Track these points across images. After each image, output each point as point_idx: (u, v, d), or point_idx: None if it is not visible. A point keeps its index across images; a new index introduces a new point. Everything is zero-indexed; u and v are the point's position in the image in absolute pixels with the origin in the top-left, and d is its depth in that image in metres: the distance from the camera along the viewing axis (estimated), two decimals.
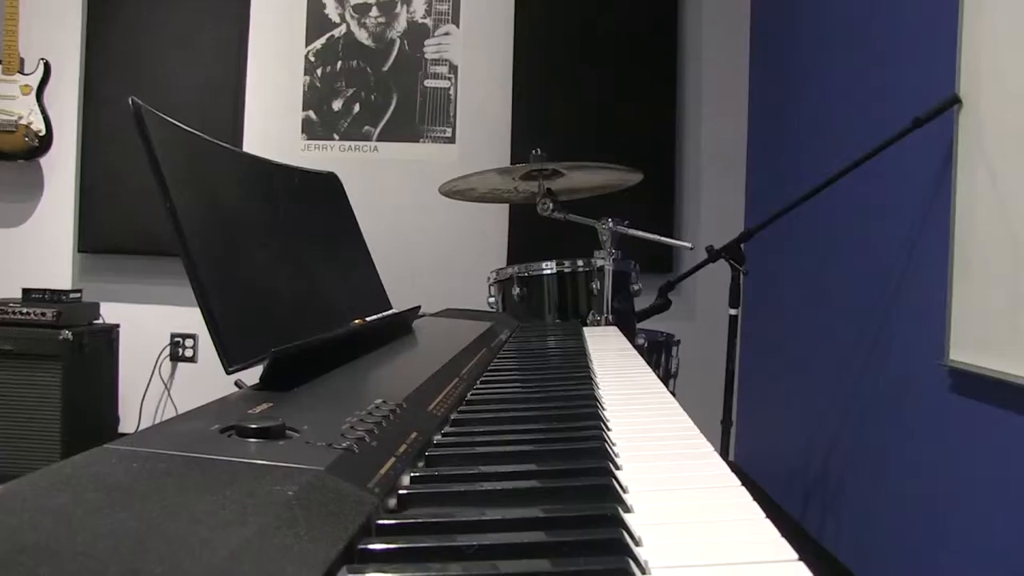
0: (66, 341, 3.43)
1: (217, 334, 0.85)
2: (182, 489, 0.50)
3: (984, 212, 1.94)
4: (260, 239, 1.07)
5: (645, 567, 0.50)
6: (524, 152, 2.69)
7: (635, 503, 0.62)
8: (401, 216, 4.02)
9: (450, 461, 0.72)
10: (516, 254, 3.90)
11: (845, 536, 2.83)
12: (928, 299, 2.23)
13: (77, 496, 0.47)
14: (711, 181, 4.07)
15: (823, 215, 3.03)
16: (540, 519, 0.55)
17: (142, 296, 4.11)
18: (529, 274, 2.52)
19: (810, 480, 3.20)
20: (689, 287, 3.91)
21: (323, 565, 0.45)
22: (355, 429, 0.67)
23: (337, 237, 1.42)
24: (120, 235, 4.02)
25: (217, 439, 0.62)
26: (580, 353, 1.43)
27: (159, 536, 0.42)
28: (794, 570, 0.51)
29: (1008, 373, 1.82)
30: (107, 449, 0.58)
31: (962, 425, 2.08)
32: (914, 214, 2.35)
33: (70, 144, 4.06)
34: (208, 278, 0.86)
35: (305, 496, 0.51)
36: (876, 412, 2.61)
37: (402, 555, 0.50)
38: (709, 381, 3.18)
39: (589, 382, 1.10)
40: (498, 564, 0.47)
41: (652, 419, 0.94)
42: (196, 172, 0.95)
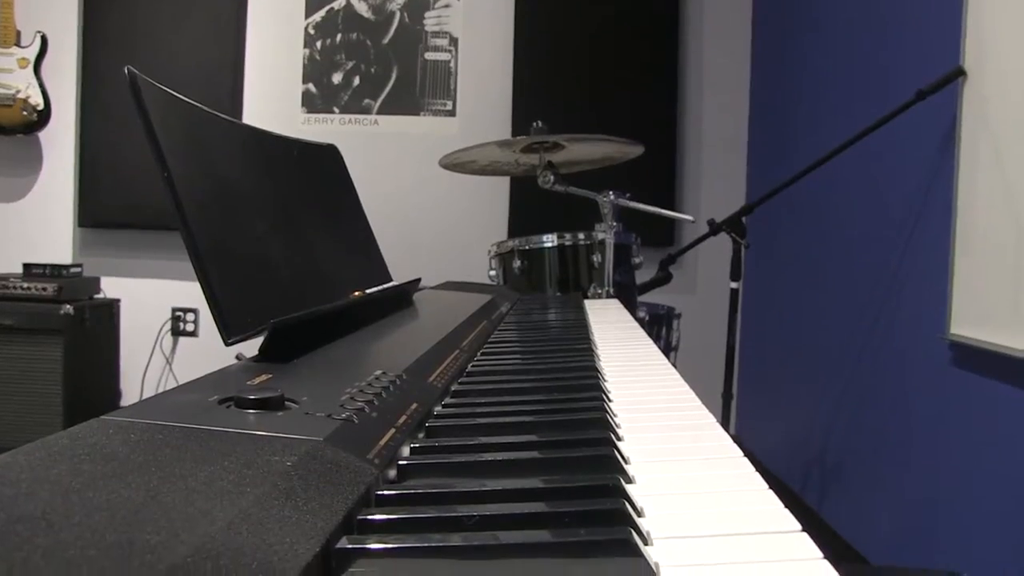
0: (67, 316, 3.43)
1: (216, 305, 0.84)
2: (179, 460, 0.49)
3: (987, 185, 1.92)
4: (259, 210, 1.06)
5: (647, 538, 0.50)
6: (525, 125, 2.68)
7: (637, 474, 0.62)
8: (402, 189, 4.00)
9: (450, 432, 0.71)
10: (517, 227, 3.89)
11: (845, 509, 2.84)
12: (929, 273, 2.22)
13: (74, 467, 0.47)
14: (713, 154, 4.05)
15: (825, 188, 3.01)
16: (541, 490, 0.55)
17: (143, 271, 4.10)
18: (530, 247, 2.51)
19: (810, 453, 3.20)
20: (690, 260, 3.91)
21: (322, 535, 0.44)
22: (354, 400, 0.66)
23: (337, 209, 1.41)
24: (120, 209, 4.00)
25: (215, 410, 0.62)
26: (581, 325, 1.42)
27: (156, 506, 0.42)
28: (797, 541, 0.50)
29: (1009, 347, 1.82)
30: (104, 420, 0.58)
31: (962, 398, 2.08)
32: (916, 187, 2.34)
33: (69, 118, 4.04)
34: (206, 249, 0.86)
35: (303, 467, 0.50)
36: (876, 385, 2.61)
37: (401, 525, 0.49)
38: (710, 354, 3.18)
39: (590, 354, 1.10)
40: (499, 534, 0.47)
41: (654, 390, 0.94)
42: (194, 142, 0.94)
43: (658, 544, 0.49)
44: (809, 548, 0.49)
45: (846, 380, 2.86)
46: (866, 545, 2.63)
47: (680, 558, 0.47)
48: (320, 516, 0.46)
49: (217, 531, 0.40)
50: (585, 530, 0.47)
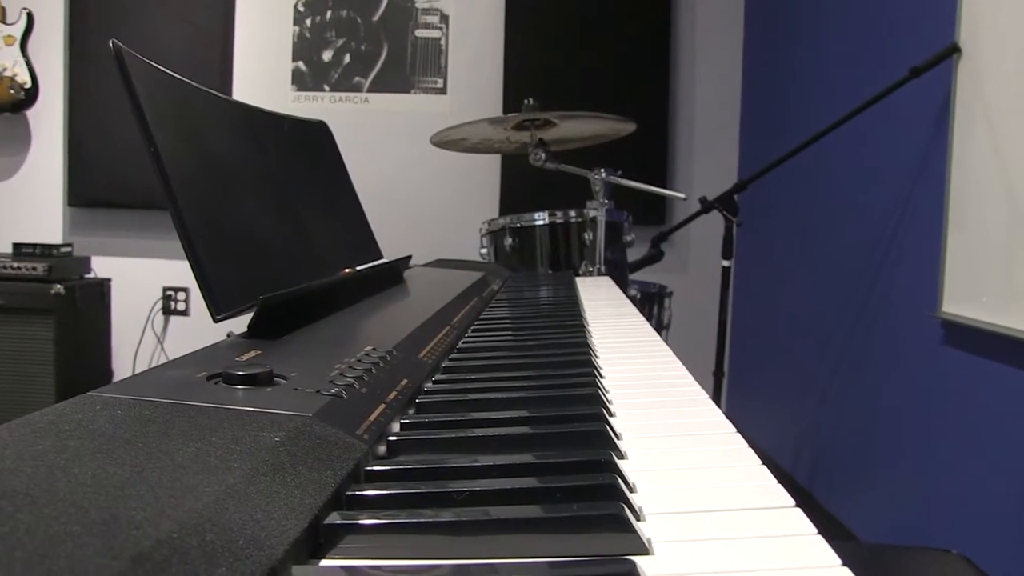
0: (58, 295, 3.41)
1: (204, 282, 0.83)
2: (166, 436, 0.49)
3: (980, 163, 1.92)
4: (248, 186, 1.05)
5: (640, 513, 0.50)
6: (516, 102, 2.67)
7: (629, 450, 0.61)
8: (392, 168, 3.98)
9: (441, 408, 0.71)
10: (508, 205, 3.88)
11: (836, 487, 2.85)
12: (921, 251, 2.22)
13: (59, 443, 0.46)
14: (705, 131, 4.03)
15: (818, 166, 3.01)
16: (533, 465, 0.54)
17: (133, 250, 4.08)
18: (521, 225, 2.50)
19: (801, 432, 3.21)
20: (682, 238, 3.90)
21: (310, 511, 0.44)
22: (344, 376, 0.65)
23: (327, 186, 1.40)
24: (110, 189, 3.97)
25: (203, 386, 0.61)
26: (573, 302, 1.42)
27: (141, 482, 0.41)
28: (791, 516, 0.50)
29: (1000, 325, 1.82)
30: (91, 397, 0.57)
31: (954, 377, 2.08)
32: (910, 165, 2.34)
33: (56, 96, 4.00)
34: (194, 225, 0.85)
35: (292, 442, 0.50)
36: (868, 363, 2.61)
37: (391, 501, 0.49)
38: (701, 333, 3.18)
39: (582, 330, 1.09)
40: (490, 510, 0.46)
41: (646, 367, 0.93)
42: (180, 117, 0.93)
43: (650, 519, 0.49)
44: (803, 523, 0.49)
45: (837, 358, 2.86)
46: (857, 523, 2.64)
47: (673, 533, 0.47)
48: (308, 492, 0.45)
49: (203, 507, 0.39)
50: (577, 505, 0.46)
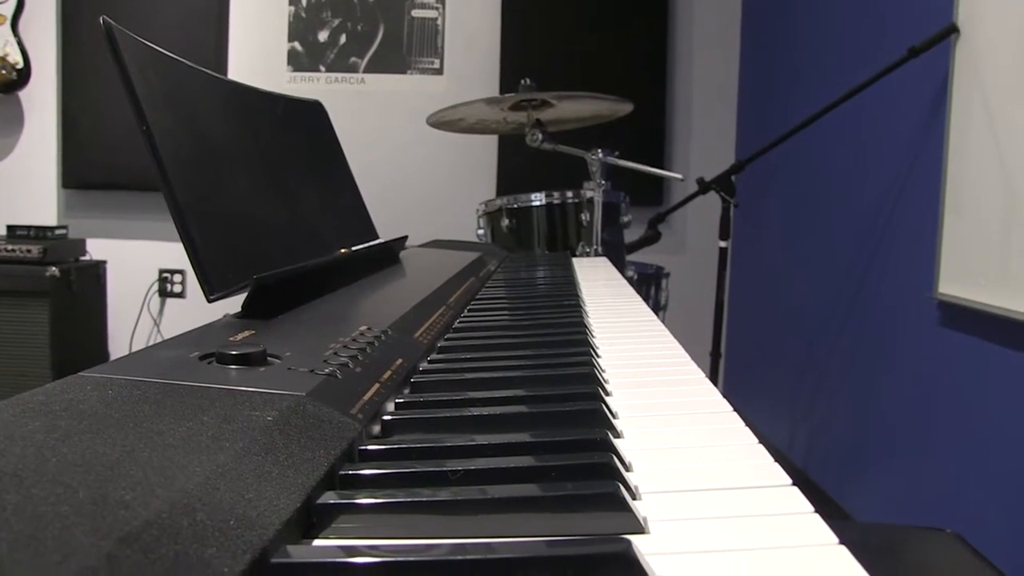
0: (53, 278, 3.39)
1: (198, 261, 0.83)
2: (158, 415, 0.48)
3: (977, 145, 1.91)
4: (242, 166, 1.04)
5: (636, 492, 0.49)
6: (513, 83, 2.65)
7: (625, 429, 0.61)
8: (389, 149, 3.97)
9: (436, 387, 0.70)
10: (505, 186, 3.86)
11: (832, 468, 2.86)
12: (918, 232, 2.22)
13: (49, 423, 0.46)
14: (702, 112, 4.02)
15: (815, 147, 3.00)
16: (528, 444, 0.54)
17: (128, 232, 4.06)
18: (518, 206, 2.49)
19: (797, 412, 3.21)
20: (679, 219, 3.89)
21: (303, 490, 0.43)
22: (338, 355, 0.65)
23: (322, 166, 1.39)
24: (105, 170, 3.95)
25: (196, 366, 0.61)
26: (569, 282, 1.41)
27: (132, 462, 0.40)
28: (788, 495, 0.50)
29: (996, 306, 1.82)
30: (82, 377, 0.57)
31: (950, 358, 2.08)
32: (907, 146, 2.33)
33: (50, 77, 3.97)
34: (188, 204, 0.84)
35: (285, 421, 0.49)
36: (864, 344, 2.61)
37: (386, 480, 0.48)
38: (698, 314, 3.18)
39: (578, 310, 1.09)
40: (485, 489, 0.46)
41: (643, 347, 0.93)
42: (173, 95, 0.92)
43: (646, 498, 0.49)
44: (800, 502, 0.48)
45: (834, 339, 2.86)
46: (852, 503, 2.65)
47: (669, 512, 0.47)
48: (302, 471, 0.45)
49: (194, 487, 0.39)
50: (572, 484, 0.46)
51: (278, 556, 0.38)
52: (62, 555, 0.30)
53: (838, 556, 0.42)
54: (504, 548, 0.38)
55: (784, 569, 0.40)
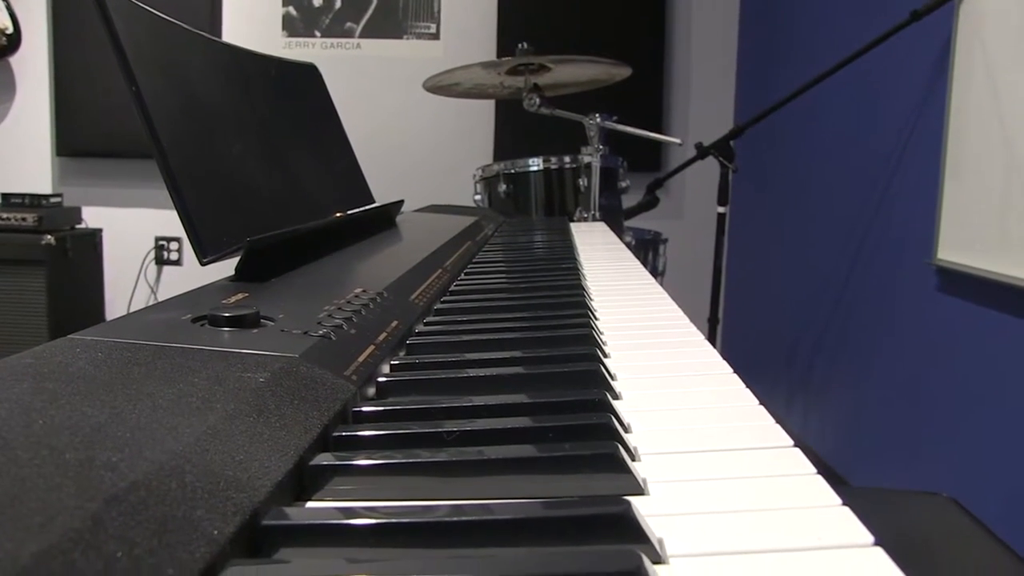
0: (49, 246, 3.37)
1: (190, 224, 0.81)
2: (147, 378, 0.47)
3: (978, 110, 1.89)
4: (235, 128, 1.03)
5: (635, 453, 0.48)
6: (510, 47, 2.62)
7: (623, 390, 0.60)
8: (385, 115, 3.93)
9: (432, 349, 0.70)
10: (502, 151, 3.83)
11: (829, 433, 2.86)
12: (918, 198, 2.20)
13: (36, 386, 0.45)
14: (701, 76, 3.98)
15: (815, 112, 2.97)
16: (526, 404, 0.53)
17: (124, 200, 4.04)
18: (515, 171, 2.48)
19: (795, 378, 3.21)
20: (677, 185, 3.87)
21: (295, 452, 0.42)
22: (333, 317, 0.64)
23: (317, 130, 1.37)
24: (99, 137, 3.92)
25: (188, 328, 0.60)
26: (567, 246, 1.40)
27: (120, 424, 0.40)
28: (789, 456, 0.49)
29: (995, 272, 1.81)
30: (72, 339, 0.56)
31: (948, 323, 2.07)
32: (908, 111, 2.31)
33: (41, 42, 3.92)
34: (179, 166, 0.83)
35: (277, 383, 0.48)
36: (862, 310, 2.60)
37: (380, 442, 0.47)
38: (696, 280, 3.17)
39: (576, 273, 1.08)
40: (481, 450, 0.45)
41: (641, 309, 0.92)
42: (163, 55, 0.90)
43: (646, 460, 0.48)
44: (802, 463, 0.48)
45: (832, 305, 2.86)
46: (848, 468, 2.66)
47: (668, 473, 0.46)
48: (294, 432, 0.44)
49: (183, 448, 0.38)
50: (571, 445, 0.45)
51: (269, 518, 0.37)
52: (46, 517, 0.30)
53: (841, 517, 0.41)
54: (502, 509, 0.38)
55: (786, 530, 0.39)
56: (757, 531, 0.39)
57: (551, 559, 0.33)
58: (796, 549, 0.37)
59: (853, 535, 0.39)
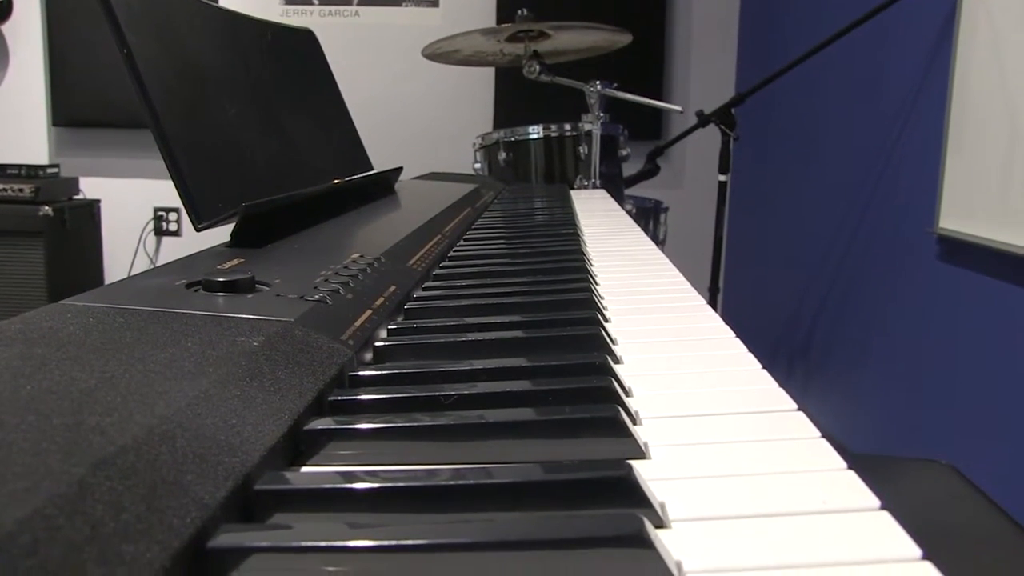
0: (47, 217, 3.36)
1: (184, 189, 0.80)
2: (139, 342, 0.46)
3: (982, 79, 1.87)
4: (231, 93, 1.01)
5: (636, 417, 0.48)
6: (510, 14, 2.60)
7: (624, 355, 0.59)
8: (384, 83, 3.90)
9: (431, 314, 0.69)
10: (502, 119, 3.81)
11: (830, 401, 2.86)
12: (920, 167, 2.19)
13: (25, 351, 0.44)
14: (702, 43, 3.95)
15: (817, 80, 2.95)
16: (525, 368, 0.52)
17: (122, 170, 4.01)
18: (515, 139, 2.46)
19: (795, 347, 3.21)
20: (678, 153, 3.85)
21: (290, 416, 0.41)
22: (329, 282, 0.63)
23: (314, 96, 1.36)
24: (96, 107, 3.89)
25: (182, 294, 0.59)
26: (567, 212, 1.39)
27: (110, 388, 0.39)
28: (793, 420, 0.48)
29: (996, 240, 1.80)
30: (63, 305, 0.55)
31: (948, 292, 2.07)
32: (911, 80, 2.29)
33: (34, 9, 3.87)
34: (173, 130, 0.81)
35: (272, 347, 0.47)
36: (863, 279, 2.59)
37: (377, 406, 0.47)
38: (697, 249, 3.15)
39: (576, 239, 1.06)
40: (483, 413, 0.44)
41: (642, 275, 0.91)
42: (156, 18, 0.89)
43: (647, 424, 0.47)
44: (806, 427, 0.47)
45: (833, 273, 2.85)
46: (848, 436, 2.66)
47: (670, 437, 0.45)
48: (288, 397, 0.43)
49: (174, 412, 0.37)
50: (571, 408, 0.44)
51: (263, 483, 0.36)
52: (32, 482, 0.29)
53: (847, 481, 0.40)
54: (502, 473, 0.37)
55: (791, 494, 0.38)
56: (761, 495, 0.38)
57: (552, 523, 0.32)
58: (801, 513, 0.36)
59: (859, 499, 0.38)
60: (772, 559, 0.32)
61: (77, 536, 0.27)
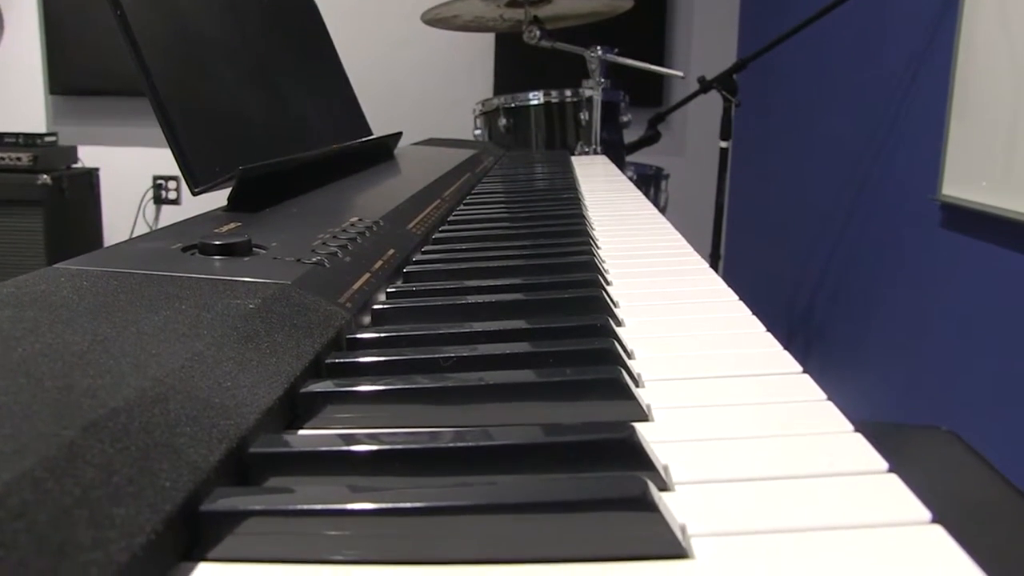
0: (45, 186, 3.34)
1: (180, 152, 0.79)
2: (133, 305, 0.45)
3: (988, 46, 1.85)
4: (226, 55, 1.00)
5: (638, 379, 0.47)
6: None
7: (626, 317, 0.58)
8: (383, 48, 3.87)
9: (430, 277, 0.68)
10: (502, 85, 3.78)
11: (831, 370, 2.86)
12: (923, 134, 2.17)
13: (17, 314, 0.43)
14: (704, 8, 3.91)
15: (819, 45, 2.92)
16: (526, 330, 0.51)
17: (121, 139, 3.99)
18: (516, 105, 2.44)
19: (796, 313, 3.21)
20: (679, 119, 3.82)
21: (286, 379, 0.41)
22: (327, 245, 0.62)
23: (312, 59, 1.34)
24: (94, 75, 3.86)
25: (178, 257, 0.58)
26: (568, 177, 1.38)
27: (102, 351, 0.38)
28: (798, 382, 0.47)
29: (999, 207, 1.78)
30: (56, 269, 0.54)
31: (950, 259, 2.06)
32: (915, 46, 2.26)
33: None
34: (168, 92, 0.80)
35: (268, 309, 0.47)
36: (865, 246, 2.58)
37: (375, 368, 0.46)
38: (698, 216, 3.14)
39: (577, 203, 1.05)
40: (483, 376, 0.43)
41: (644, 238, 0.90)
42: None
43: (650, 386, 0.46)
44: (812, 389, 0.46)
45: (835, 241, 2.84)
46: (850, 405, 2.64)
47: (673, 400, 0.44)
48: (285, 359, 0.42)
49: (167, 374, 0.36)
50: (573, 370, 0.43)
51: (257, 445, 0.35)
52: (21, 444, 0.28)
53: (854, 443, 0.39)
54: (503, 435, 0.36)
55: (797, 456, 0.37)
56: (767, 457, 0.37)
57: (554, 486, 0.31)
58: (807, 475, 0.36)
59: (867, 461, 0.37)
60: (779, 522, 0.32)
61: (67, 499, 0.26)
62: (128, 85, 3.75)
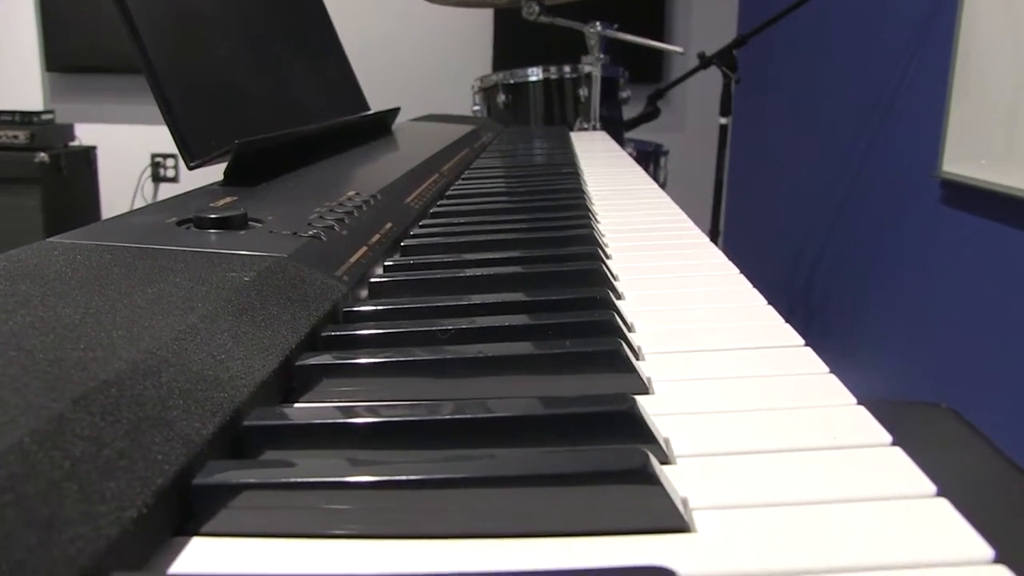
0: (43, 164, 3.32)
1: (176, 126, 0.78)
2: (127, 279, 0.45)
3: (990, 22, 1.83)
4: (222, 29, 0.98)
5: (639, 352, 0.46)
6: None
7: (626, 290, 0.58)
8: (382, 24, 3.85)
9: (428, 251, 0.67)
10: (501, 61, 3.76)
11: (830, 347, 2.85)
12: (923, 111, 2.16)
13: (8, 288, 0.42)
14: None
15: (820, 21, 2.90)
16: (524, 302, 0.51)
17: (118, 116, 3.97)
18: (514, 81, 2.43)
19: (796, 290, 3.20)
20: (679, 96, 3.80)
21: (281, 352, 0.40)
22: (324, 219, 0.61)
23: (310, 35, 1.33)
24: (90, 52, 3.83)
25: (172, 231, 0.57)
26: (567, 152, 1.37)
27: (95, 324, 0.37)
28: (801, 355, 0.47)
29: (1000, 184, 1.77)
30: (50, 243, 0.53)
31: (951, 236, 2.05)
32: (917, 21, 2.25)
33: None
34: (162, 65, 0.79)
35: (263, 282, 0.46)
36: (865, 223, 2.57)
37: (372, 341, 0.45)
38: (697, 192, 3.13)
39: (576, 177, 1.05)
40: (483, 348, 0.43)
41: (644, 213, 0.89)
42: None
43: (650, 359, 0.46)
44: (814, 362, 0.46)
45: (835, 218, 2.83)
46: (849, 382, 2.65)
47: (674, 373, 0.44)
48: (280, 332, 0.42)
49: (160, 347, 0.35)
50: (573, 342, 0.42)
51: (252, 419, 0.35)
52: (9, 416, 0.28)
53: (857, 416, 0.39)
54: (502, 407, 0.36)
55: (800, 430, 0.37)
56: (769, 430, 0.37)
57: (553, 458, 0.31)
58: (811, 448, 0.35)
59: (871, 435, 0.37)
60: (781, 495, 0.31)
61: (56, 472, 0.26)
62: (126, 62, 3.73)
